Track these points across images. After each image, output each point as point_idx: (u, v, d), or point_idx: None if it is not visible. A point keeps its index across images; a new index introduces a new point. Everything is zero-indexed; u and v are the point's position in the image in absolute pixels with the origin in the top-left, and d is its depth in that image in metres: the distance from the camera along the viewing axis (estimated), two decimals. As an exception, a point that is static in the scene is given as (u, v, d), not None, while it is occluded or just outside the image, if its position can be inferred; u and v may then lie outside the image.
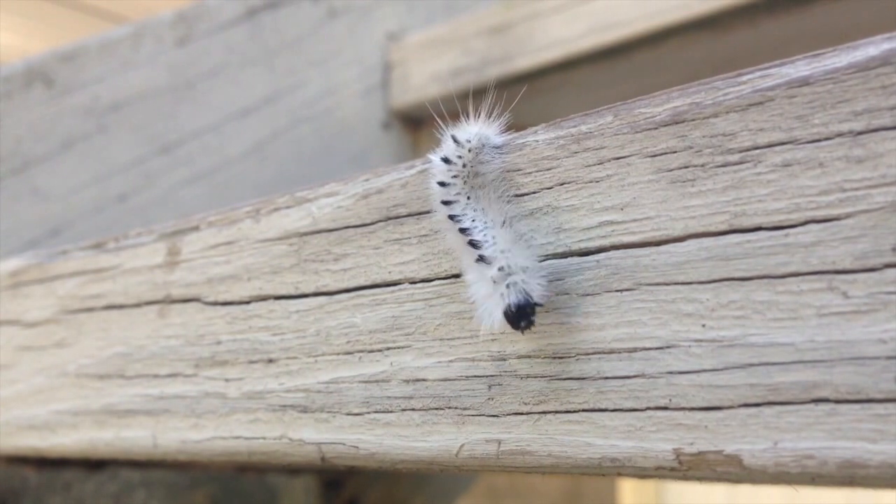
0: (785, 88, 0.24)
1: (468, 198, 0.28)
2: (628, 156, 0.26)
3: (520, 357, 0.28)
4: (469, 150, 0.28)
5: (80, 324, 0.42)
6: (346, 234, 0.33)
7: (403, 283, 0.31)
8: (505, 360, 0.28)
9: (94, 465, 0.54)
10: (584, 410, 0.26)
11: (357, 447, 0.31)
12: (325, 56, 0.72)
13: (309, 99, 0.71)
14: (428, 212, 0.31)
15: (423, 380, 0.30)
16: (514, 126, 0.29)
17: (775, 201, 0.23)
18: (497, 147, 0.28)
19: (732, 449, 0.23)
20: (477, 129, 0.28)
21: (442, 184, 0.28)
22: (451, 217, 0.28)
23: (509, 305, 0.26)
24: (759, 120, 0.24)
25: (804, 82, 0.23)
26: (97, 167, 0.63)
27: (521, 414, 0.27)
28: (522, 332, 0.27)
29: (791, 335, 0.23)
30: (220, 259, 0.37)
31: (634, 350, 0.25)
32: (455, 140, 0.28)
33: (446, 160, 0.28)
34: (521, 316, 0.26)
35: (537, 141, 0.28)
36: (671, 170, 0.25)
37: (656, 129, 0.26)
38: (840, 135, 0.23)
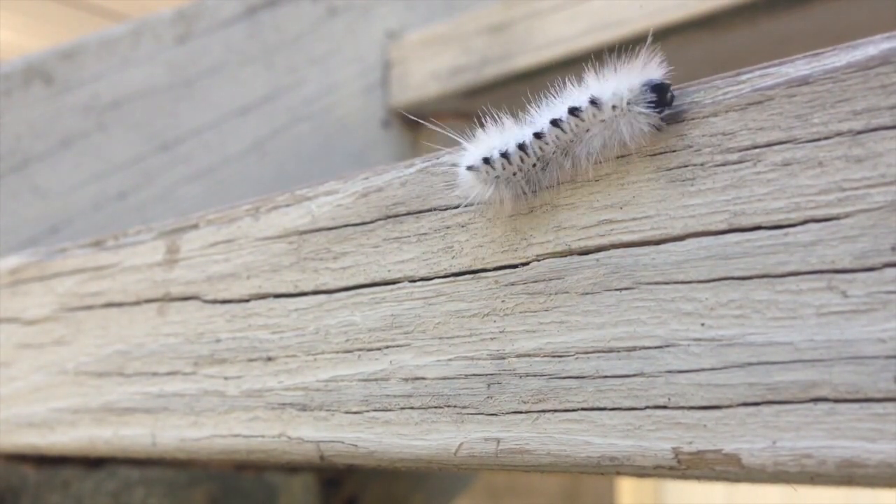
0: (784, 88, 0.24)
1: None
2: (627, 154, 0.26)
3: (519, 356, 0.28)
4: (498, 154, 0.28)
5: (79, 322, 0.42)
6: (346, 232, 0.33)
7: (403, 281, 0.31)
8: (504, 358, 0.28)
9: (92, 462, 0.54)
10: (582, 409, 0.26)
11: (356, 445, 0.31)
12: (324, 54, 0.72)
13: (308, 97, 0.71)
14: (427, 210, 0.31)
15: (422, 378, 0.30)
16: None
17: (775, 200, 0.23)
18: None
19: (731, 448, 0.23)
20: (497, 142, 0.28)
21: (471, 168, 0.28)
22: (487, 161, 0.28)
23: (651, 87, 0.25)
24: (758, 119, 0.24)
25: (804, 81, 0.23)
26: (96, 165, 0.63)
27: (520, 413, 0.27)
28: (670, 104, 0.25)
29: (790, 334, 0.23)
30: (220, 257, 0.37)
31: (633, 349, 0.25)
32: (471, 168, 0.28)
33: (471, 168, 0.28)
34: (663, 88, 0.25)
35: (537, 140, 0.28)
36: (670, 169, 0.25)
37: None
38: (839, 134, 0.23)
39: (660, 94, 0.25)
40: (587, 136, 0.26)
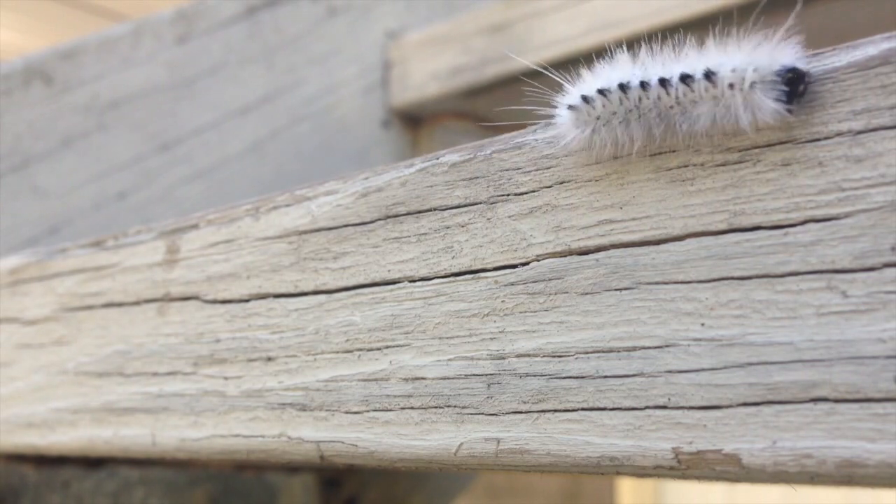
0: (784, 87, 0.24)
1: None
2: (627, 154, 0.26)
3: (519, 356, 0.28)
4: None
5: (79, 322, 0.42)
6: (346, 232, 0.33)
7: (402, 281, 0.31)
8: (504, 358, 0.28)
9: (92, 462, 0.54)
10: (582, 409, 0.26)
11: (356, 445, 0.31)
12: (324, 54, 0.72)
13: (308, 97, 0.71)
14: (427, 210, 0.31)
15: (422, 378, 0.30)
16: (514, 125, 0.29)
17: (774, 200, 0.23)
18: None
19: (731, 448, 0.23)
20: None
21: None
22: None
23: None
24: (758, 119, 0.24)
25: (804, 81, 0.23)
26: (96, 165, 0.63)
27: (520, 413, 0.27)
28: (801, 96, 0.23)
29: (790, 334, 0.23)
30: (220, 257, 0.37)
31: (633, 349, 0.25)
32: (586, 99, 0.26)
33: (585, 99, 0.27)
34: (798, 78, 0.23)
35: (536, 140, 0.28)
36: (670, 168, 0.25)
37: (656, 127, 0.26)
38: (839, 134, 0.23)
39: (792, 82, 0.23)
40: (695, 109, 0.24)
